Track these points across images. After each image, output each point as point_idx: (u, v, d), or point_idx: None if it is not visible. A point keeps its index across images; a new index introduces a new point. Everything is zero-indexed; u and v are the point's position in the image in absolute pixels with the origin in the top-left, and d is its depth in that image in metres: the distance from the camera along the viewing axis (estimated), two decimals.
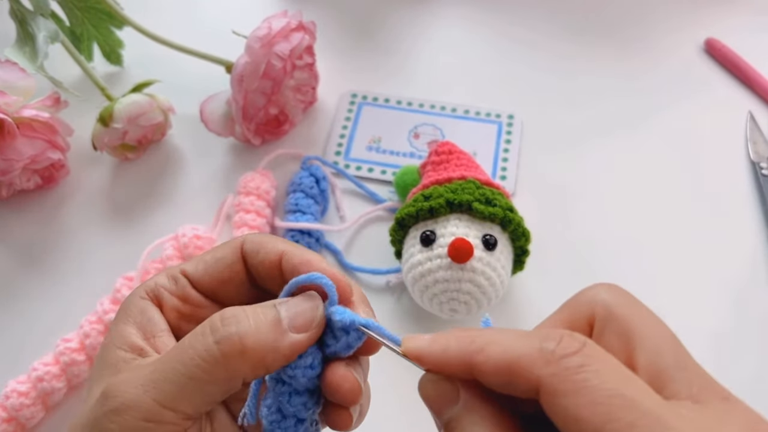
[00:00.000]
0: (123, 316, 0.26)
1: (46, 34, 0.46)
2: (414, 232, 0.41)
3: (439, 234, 0.39)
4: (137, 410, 0.22)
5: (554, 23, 0.60)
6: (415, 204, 0.40)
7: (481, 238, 0.39)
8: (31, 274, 0.46)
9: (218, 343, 0.23)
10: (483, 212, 0.39)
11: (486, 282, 0.38)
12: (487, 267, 0.38)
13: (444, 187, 0.41)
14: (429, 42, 0.59)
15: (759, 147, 0.52)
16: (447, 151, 0.43)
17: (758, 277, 0.45)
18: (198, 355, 0.22)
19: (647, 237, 0.47)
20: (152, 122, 0.48)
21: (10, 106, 0.44)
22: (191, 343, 0.23)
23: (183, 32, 0.51)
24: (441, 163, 0.43)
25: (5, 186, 0.48)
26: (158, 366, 0.23)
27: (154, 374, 0.23)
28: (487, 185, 0.41)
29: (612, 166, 0.51)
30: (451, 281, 0.38)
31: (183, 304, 0.27)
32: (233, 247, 0.27)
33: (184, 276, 0.27)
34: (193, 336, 0.23)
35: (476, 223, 0.39)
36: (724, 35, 0.58)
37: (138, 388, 0.23)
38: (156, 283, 0.27)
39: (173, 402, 0.22)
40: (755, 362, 0.42)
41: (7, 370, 0.40)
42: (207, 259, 0.27)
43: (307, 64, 0.50)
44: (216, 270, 0.27)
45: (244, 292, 0.27)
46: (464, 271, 0.38)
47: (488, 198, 0.40)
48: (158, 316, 0.26)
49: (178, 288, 0.27)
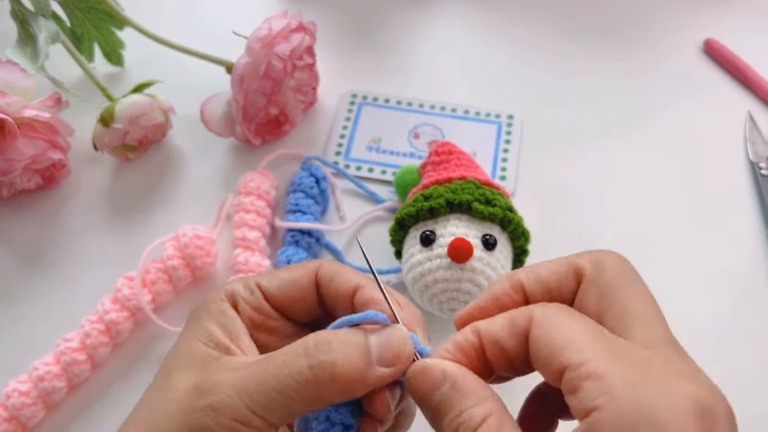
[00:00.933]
0: (204, 314, 0.28)
1: (47, 35, 0.46)
2: (414, 232, 0.41)
3: (438, 234, 0.39)
4: (232, 412, 0.24)
5: (554, 23, 0.61)
6: (415, 204, 0.40)
7: (481, 238, 0.39)
8: (32, 274, 0.46)
9: (311, 368, 0.24)
10: (483, 212, 0.39)
11: (485, 282, 0.38)
12: (486, 267, 0.38)
13: (444, 187, 0.41)
14: (429, 42, 0.60)
15: (758, 147, 0.52)
16: (447, 151, 0.44)
17: (758, 277, 0.46)
18: (291, 376, 0.24)
19: (646, 237, 0.48)
20: (153, 122, 0.48)
21: (11, 106, 0.44)
22: (286, 362, 0.25)
23: (183, 33, 0.51)
24: (441, 163, 0.43)
25: (6, 186, 0.48)
26: (253, 375, 0.25)
27: (249, 383, 0.24)
28: (487, 185, 0.41)
29: (611, 166, 0.51)
30: (450, 281, 0.38)
31: (256, 313, 0.28)
32: (308, 270, 0.29)
33: (258, 288, 0.29)
34: (288, 355, 0.25)
35: (476, 223, 0.39)
36: (723, 36, 0.58)
37: (234, 392, 0.24)
38: (234, 289, 0.29)
39: (263, 411, 0.24)
40: (755, 362, 0.42)
41: (8, 370, 0.40)
42: (282, 277, 0.29)
43: (308, 64, 0.50)
44: (289, 289, 0.29)
45: (313, 312, 0.30)
46: (464, 270, 0.38)
47: (488, 198, 0.40)
48: (238, 319, 0.28)
49: (254, 298, 0.29)
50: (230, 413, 0.24)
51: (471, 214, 0.39)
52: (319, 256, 0.46)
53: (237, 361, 0.26)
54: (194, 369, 0.26)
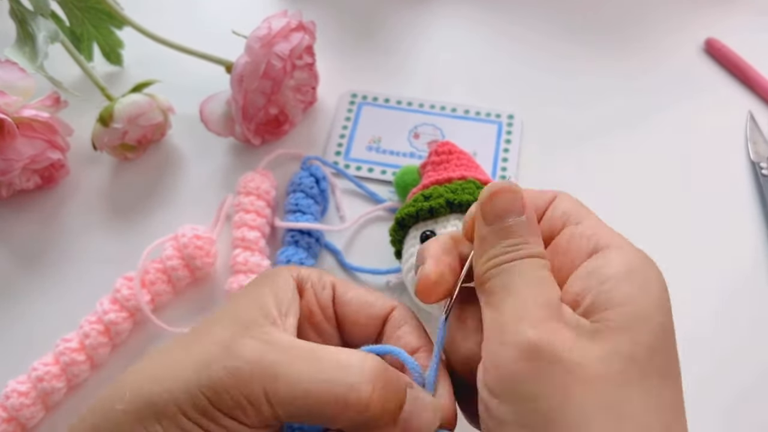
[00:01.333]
0: (268, 282, 0.27)
1: (46, 34, 0.46)
2: (414, 232, 0.41)
3: (439, 234, 0.39)
4: (246, 386, 0.23)
5: (554, 23, 0.60)
6: (415, 204, 0.40)
7: None
8: (30, 274, 0.46)
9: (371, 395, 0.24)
10: None
11: None
12: None
13: (444, 187, 0.41)
14: (429, 42, 0.59)
15: (759, 147, 0.52)
16: (447, 151, 0.44)
17: (758, 277, 0.45)
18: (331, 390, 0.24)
19: (647, 237, 0.47)
20: (152, 122, 0.48)
21: (9, 106, 0.44)
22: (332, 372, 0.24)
23: (183, 32, 0.51)
24: (441, 163, 0.43)
25: (5, 186, 0.48)
26: (288, 363, 0.24)
27: (279, 367, 0.24)
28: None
29: (612, 166, 0.51)
30: None
31: (318, 309, 0.28)
32: (385, 304, 0.29)
33: (332, 288, 0.28)
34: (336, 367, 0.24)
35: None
36: (724, 35, 0.58)
37: (259, 369, 0.23)
38: (308, 276, 0.28)
39: (278, 402, 0.23)
40: (755, 362, 0.42)
41: (7, 370, 0.40)
42: (359, 293, 0.29)
43: (307, 64, 0.50)
44: (362, 308, 0.28)
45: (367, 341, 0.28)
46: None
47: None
48: (297, 302, 0.27)
49: (324, 294, 0.28)
50: (244, 389, 0.23)
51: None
52: (319, 256, 0.46)
53: (277, 337, 0.25)
54: (234, 325, 0.25)
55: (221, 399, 0.23)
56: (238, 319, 0.26)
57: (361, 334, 0.29)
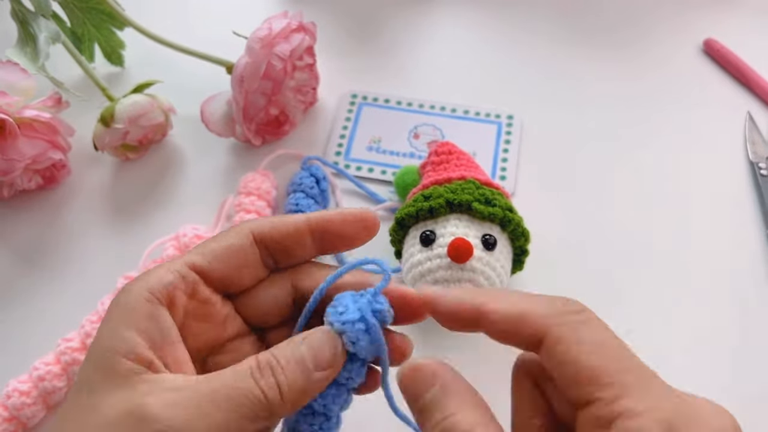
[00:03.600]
0: (125, 318, 0.24)
1: (48, 35, 0.46)
2: (414, 232, 0.41)
3: (438, 234, 0.39)
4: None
5: (554, 24, 0.61)
6: (415, 204, 0.40)
7: (481, 238, 0.39)
8: (32, 274, 0.46)
9: (257, 382, 0.23)
10: (483, 212, 0.39)
11: (486, 282, 0.38)
12: (486, 267, 0.38)
13: (444, 187, 0.41)
14: (429, 42, 0.60)
15: (758, 147, 0.52)
16: (447, 152, 0.43)
17: (758, 277, 0.46)
18: (244, 395, 0.23)
19: (646, 237, 0.48)
20: (153, 122, 0.49)
21: (11, 106, 0.44)
22: (236, 382, 0.23)
23: (184, 33, 0.51)
24: (441, 163, 0.43)
25: (7, 186, 0.48)
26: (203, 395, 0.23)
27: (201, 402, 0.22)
28: (487, 185, 0.41)
29: (611, 166, 0.51)
30: (450, 281, 0.38)
31: (193, 302, 0.26)
32: (240, 231, 0.27)
33: (193, 270, 0.26)
34: (236, 375, 0.23)
35: (476, 223, 0.39)
36: (723, 36, 0.58)
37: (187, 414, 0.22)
38: (162, 281, 0.25)
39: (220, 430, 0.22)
40: (755, 362, 0.42)
41: (9, 370, 0.40)
42: (215, 248, 0.26)
43: (308, 64, 0.51)
44: (228, 258, 0.26)
45: (258, 275, 0.27)
46: (464, 271, 0.38)
47: (488, 198, 0.40)
48: (170, 323, 0.25)
49: (187, 285, 0.26)
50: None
51: (471, 214, 0.39)
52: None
53: (169, 380, 0.23)
54: (119, 388, 0.22)
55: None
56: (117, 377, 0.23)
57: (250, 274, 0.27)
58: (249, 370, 0.24)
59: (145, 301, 0.24)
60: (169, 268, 0.26)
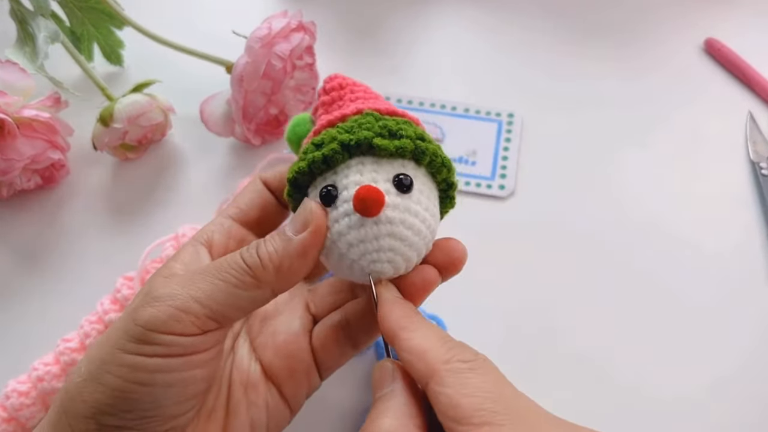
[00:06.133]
0: (176, 255, 0.30)
1: (47, 35, 0.46)
2: (313, 191, 0.32)
3: (341, 187, 0.31)
4: (173, 299, 0.27)
5: (554, 22, 0.61)
6: (306, 156, 0.31)
7: (393, 180, 0.31)
8: (31, 274, 0.46)
9: (241, 254, 0.28)
10: (388, 148, 0.31)
11: (409, 232, 0.30)
12: (406, 213, 0.30)
13: (337, 128, 0.32)
14: (429, 41, 0.60)
15: (759, 147, 0.52)
16: (337, 86, 0.34)
17: (758, 277, 0.45)
18: (230, 265, 0.28)
19: (646, 236, 0.48)
20: (152, 122, 0.48)
21: (10, 106, 0.44)
22: (225, 258, 0.28)
23: (183, 32, 0.51)
24: (332, 102, 0.34)
25: (6, 186, 0.48)
26: (196, 272, 0.28)
27: (193, 277, 0.28)
28: (390, 115, 0.33)
29: (611, 165, 0.51)
30: (367, 241, 0.30)
31: (229, 240, 0.32)
32: (254, 182, 0.34)
33: (228, 217, 0.33)
34: (228, 255, 0.29)
35: (384, 165, 0.31)
36: (724, 35, 0.58)
37: (177, 285, 0.27)
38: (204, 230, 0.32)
39: (205, 298, 0.27)
40: (755, 362, 0.42)
41: (8, 370, 0.40)
42: (240, 201, 0.33)
43: (307, 64, 0.50)
44: (251, 201, 0.33)
45: (276, 212, 0.34)
46: (379, 224, 0.30)
47: (391, 130, 0.31)
48: (203, 253, 0.31)
49: (224, 229, 0.32)
50: (171, 302, 0.26)
51: (374, 154, 0.31)
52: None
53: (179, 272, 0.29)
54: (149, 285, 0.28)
55: (154, 320, 0.26)
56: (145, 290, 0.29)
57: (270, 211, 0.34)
58: (239, 251, 0.29)
59: (192, 244, 0.31)
60: (213, 221, 0.32)
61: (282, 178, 0.33)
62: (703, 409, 0.40)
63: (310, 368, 0.32)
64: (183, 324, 0.26)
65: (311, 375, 0.33)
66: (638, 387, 0.41)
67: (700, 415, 0.40)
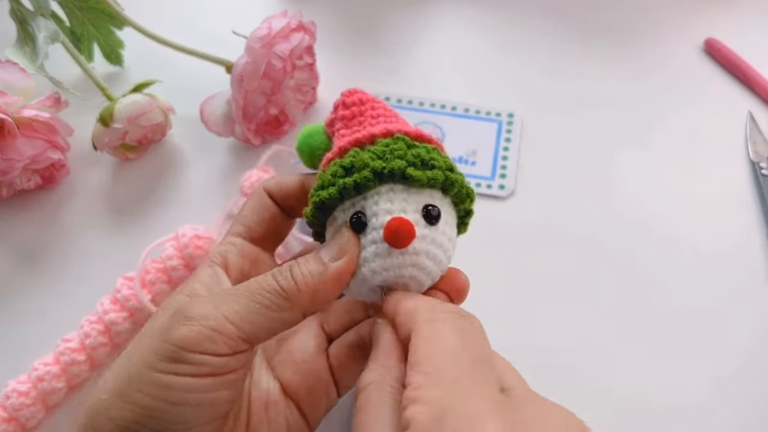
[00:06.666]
0: (193, 276, 0.31)
1: (47, 35, 0.46)
2: (340, 214, 0.32)
3: (369, 213, 0.31)
4: (207, 319, 0.26)
5: (554, 22, 0.61)
6: (336, 181, 0.31)
7: (422, 211, 0.31)
8: (31, 274, 0.46)
9: (275, 276, 0.28)
10: (421, 179, 0.31)
11: (431, 263, 0.31)
12: (431, 245, 0.31)
13: (368, 151, 0.32)
14: (429, 40, 0.60)
15: (759, 147, 0.52)
16: (358, 101, 0.34)
17: (758, 277, 0.45)
18: (262, 287, 0.28)
19: (646, 236, 0.47)
20: (152, 122, 0.48)
21: (10, 106, 0.44)
22: (257, 280, 0.29)
23: (183, 32, 0.51)
24: (353, 117, 0.34)
25: (5, 186, 0.48)
26: (227, 293, 0.28)
27: (224, 298, 0.28)
28: (419, 140, 0.33)
29: (612, 166, 0.51)
30: (390, 269, 0.30)
31: (243, 259, 0.32)
32: (258, 195, 0.34)
33: (239, 237, 0.33)
34: (258, 276, 0.29)
35: (413, 194, 0.31)
36: (724, 35, 0.58)
37: (210, 305, 0.27)
38: (217, 250, 0.32)
39: (238, 319, 0.27)
40: (755, 362, 0.42)
41: (8, 370, 0.40)
42: (246, 214, 0.33)
43: (307, 64, 0.50)
44: (258, 216, 0.33)
45: (283, 223, 0.34)
46: (405, 255, 0.30)
47: (424, 159, 0.31)
48: (221, 274, 0.31)
49: (236, 248, 0.32)
50: (206, 322, 0.26)
51: (405, 182, 0.31)
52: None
53: (202, 290, 0.30)
54: (172, 309, 0.28)
55: (188, 339, 0.26)
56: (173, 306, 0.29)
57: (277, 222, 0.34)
58: (271, 273, 0.29)
59: (208, 265, 0.32)
60: (223, 242, 0.33)
61: (286, 187, 0.33)
62: (704, 411, 0.40)
63: (328, 386, 0.33)
64: (216, 344, 0.26)
65: (330, 392, 0.33)
66: (636, 386, 0.41)
67: (700, 417, 0.40)
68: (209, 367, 0.26)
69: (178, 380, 0.26)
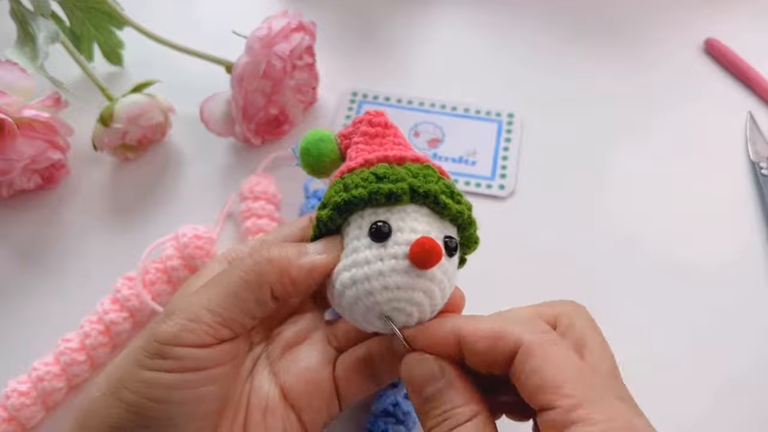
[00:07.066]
0: (198, 273, 0.32)
1: (47, 35, 0.46)
2: (358, 220, 0.31)
3: (395, 228, 0.30)
4: (185, 312, 0.27)
5: (554, 23, 0.61)
6: (367, 185, 0.30)
7: (443, 240, 0.30)
8: (31, 274, 0.46)
9: (251, 255, 0.29)
10: (450, 208, 0.31)
11: (439, 293, 0.30)
12: (445, 276, 0.30)
13: (404, 168, 0.31)
14: (429, 40, 0.60)
15: (759, 147, 0.52)
16: (383, 124, 0.33)
17: (758, 277, 0.45)
18: (238, 268, 0.28)
19: (646, 236, 0.48)
20: (152, 122, 0.48)
21: (10, 106, 0.44)
22: (233, 264, 0.29)
23: (183, 32, 0.51)
24: (376, 136, 0.33)
25: (5, 186, 0.48)
26: (207, 283, 0.29)
27: (203, 288, 0.28)
28: (443, 175, 0.32)
29: (612, 166, 0.51)
30: (403, 289, 0.29)
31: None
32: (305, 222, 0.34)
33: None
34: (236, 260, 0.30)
35: (435, 222, 0.31)
36: (724, 35, 0.58)
37: (189, 297, 0.28)
38: (237, 248, 0.33)
39: (214, 304, 0.27)
40: (755, 362, 0.42)
41: (8, 370, 0.40)
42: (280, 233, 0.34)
43: (307, 64, 0.50)
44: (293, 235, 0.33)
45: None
46: (422, 279, 0.29)
47: (453, 192, 0.31)
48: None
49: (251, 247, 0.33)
50: (183, 314, 0.27)
51: (433, 208, 0.31)
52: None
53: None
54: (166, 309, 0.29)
55: (168, 334, 0.26)
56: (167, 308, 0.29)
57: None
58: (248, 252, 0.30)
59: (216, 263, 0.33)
60: (242, 243, 0.34)
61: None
62: (706, 421, 0.40)
63: (330, 397, 0.32)
64: (196, 334, 0.26)
65: (332, 404, 0.32)
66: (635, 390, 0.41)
67: (702, 428, 0.40)
68: (192, 360, 0.26)
69: (163, 377, 0.26)
